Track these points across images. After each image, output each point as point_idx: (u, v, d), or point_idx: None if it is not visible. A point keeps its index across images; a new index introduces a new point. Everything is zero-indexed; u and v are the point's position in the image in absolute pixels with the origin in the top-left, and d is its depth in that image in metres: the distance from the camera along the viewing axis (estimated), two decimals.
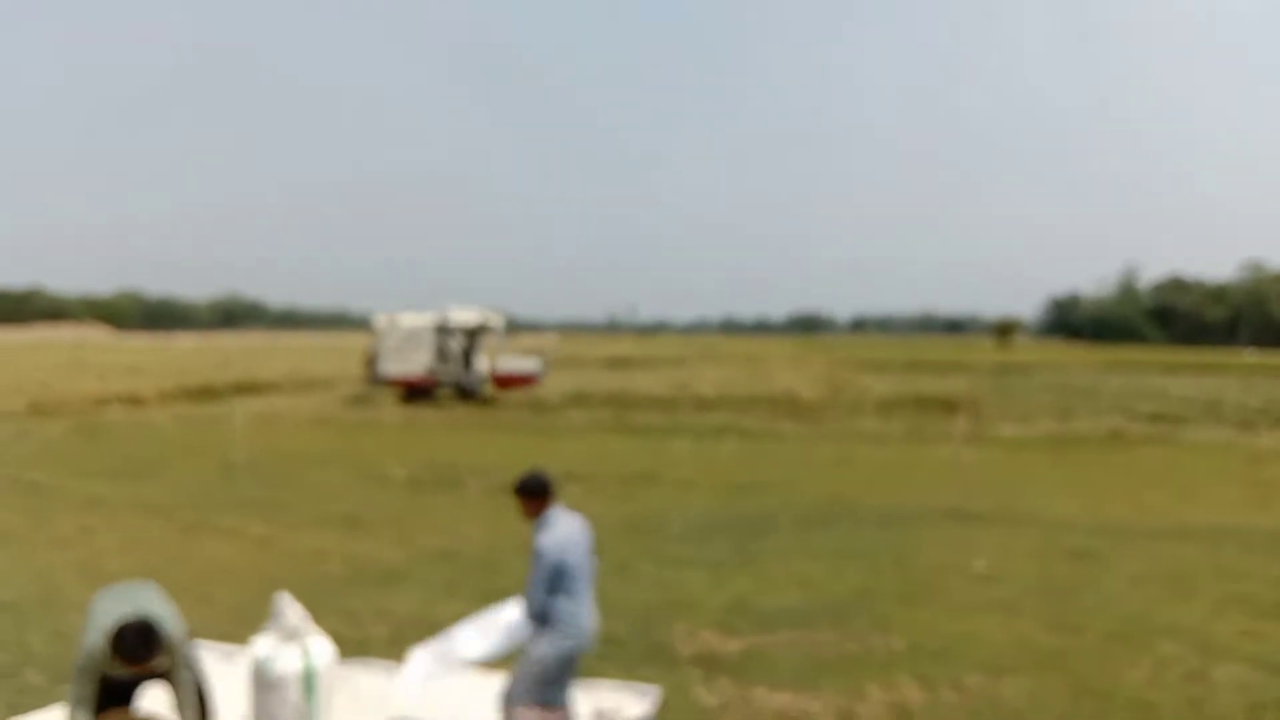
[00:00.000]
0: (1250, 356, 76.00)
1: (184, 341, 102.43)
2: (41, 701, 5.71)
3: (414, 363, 27.85)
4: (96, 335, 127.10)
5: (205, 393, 30.95)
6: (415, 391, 28.19)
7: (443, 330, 28.43)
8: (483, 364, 29.26)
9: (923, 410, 26.72)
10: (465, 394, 28.47)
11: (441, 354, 28.17)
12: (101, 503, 12.16)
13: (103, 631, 4.21)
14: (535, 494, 4.80)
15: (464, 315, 29.08)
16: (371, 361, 28.57)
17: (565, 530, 4.78)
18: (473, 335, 29.26)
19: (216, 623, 7.15)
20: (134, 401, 27.99)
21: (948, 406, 27.00)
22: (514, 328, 31.42)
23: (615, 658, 6.51)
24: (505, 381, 28.40)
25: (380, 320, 28.74)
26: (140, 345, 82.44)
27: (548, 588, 4.64)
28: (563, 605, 4.67)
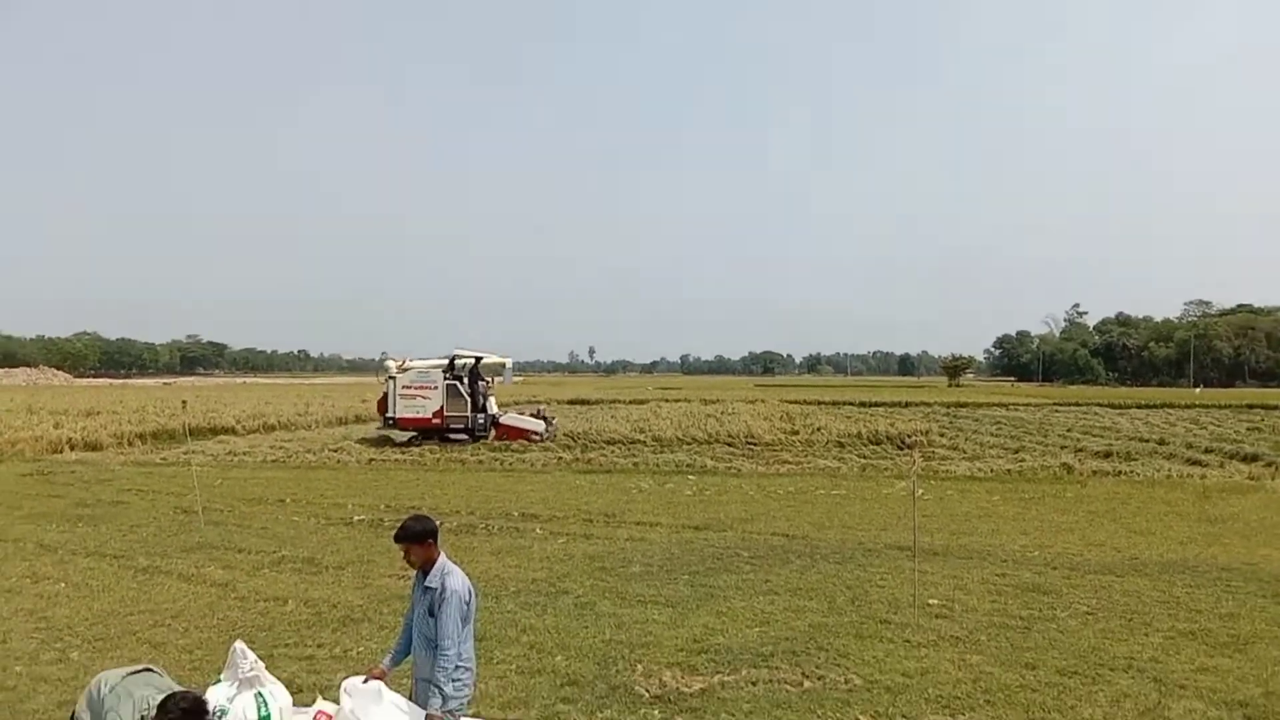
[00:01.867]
0: (1200, 394, 77.52)
1: (142, 384, 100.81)
2: None
3: (426, 405, 28.13)
4: (52, 378, 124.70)
5: (163, 435, 30.53)
6: (427, 433, 28.37)
7: (453, 373, 28.81)
8: (492, 406, 29.55)
9: (877, 448, 27.02)
10: (474, 435, 28.64)
11: (453, 396, 28.36)
12: (53, 548, 11.94)
13: (132, 712, 4.07)
14: (429, 539, 4.79)
15: (472, 358, 29.62)
16: (384, 404, 28.77)
17: (464, 576, 4.82)
18: (481, 377, 29.56)
19: (171, 670, 7.04)
20: (90, 446, 27.54)
21: (901, 444, 27.33)
22: None
23: (577, 699, 6.53)
24: (508, 432, 28.62)
25: (391, 364, 29.05)
26: (97, 388, 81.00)
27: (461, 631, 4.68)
28: (465, 653, 4.73)
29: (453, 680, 4.62)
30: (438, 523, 4.93)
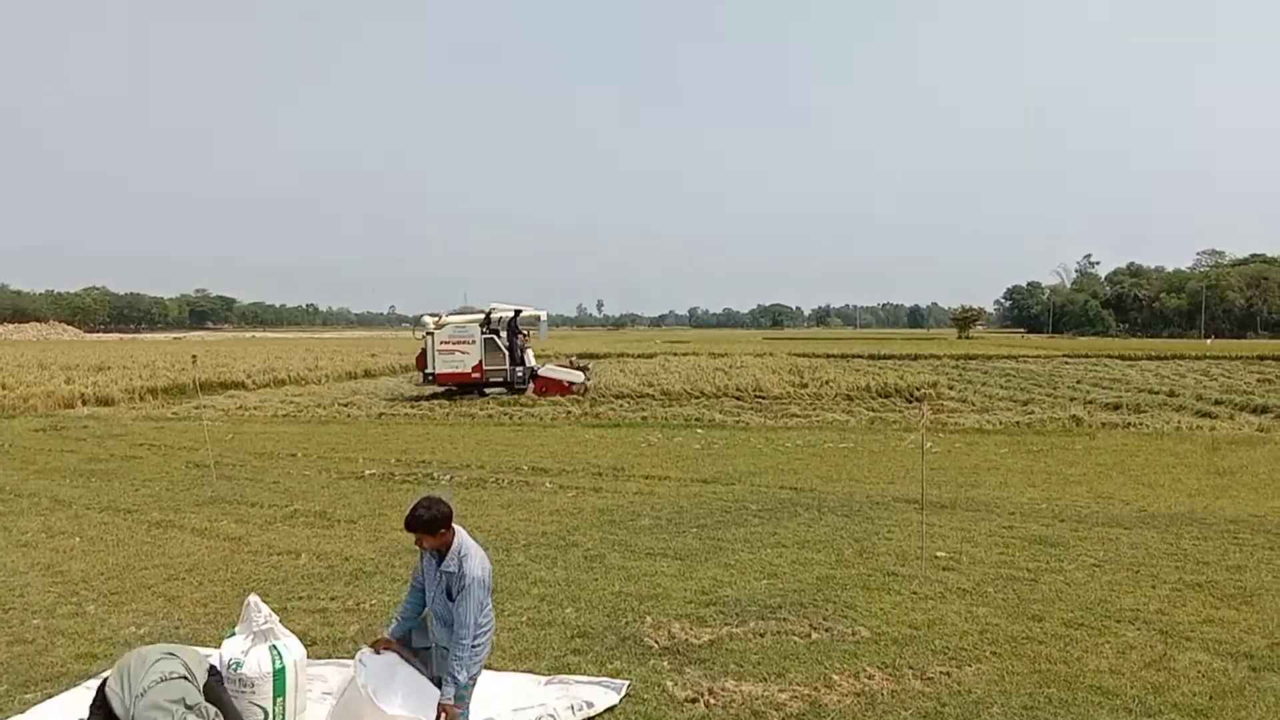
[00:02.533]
0: (1211, 345, 77.14)
1: (152, 338, 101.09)
2: (1, 709, 5.66)
3: (465, 359, 28.37)
4: (62, 333, 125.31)
5: (174, 390, 30.69)
6: (466, 387, 28.68)
7: (490, 327, 28.99)
8: (530, 359, 29.77)
9: (885, 401, 27.02)
10: (513, 388, 28.89)
11: (490, 350, 28.57)
12: (67, 503, 12.06)
13: (169, 709, 4.15)
14: (441, 528, 4.74)
15: (509, 311, 29.73)
16: (423, 360, 28.95)
17: (480, 552, 4.78)
18: (518, 330, 29.72)
19: (185, 623, 7.15)
20: (101, 401, 27.70)
21: (910, 397, 27.32)
22: None
23: (587, 651, 6.60)
24: (546, 385, 28.76)
25: (429, 319, 29.17)
26: (107, 343, 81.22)
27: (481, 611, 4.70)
28: (485, 626, 4.75)
29: (468, 667, 4.63)
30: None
